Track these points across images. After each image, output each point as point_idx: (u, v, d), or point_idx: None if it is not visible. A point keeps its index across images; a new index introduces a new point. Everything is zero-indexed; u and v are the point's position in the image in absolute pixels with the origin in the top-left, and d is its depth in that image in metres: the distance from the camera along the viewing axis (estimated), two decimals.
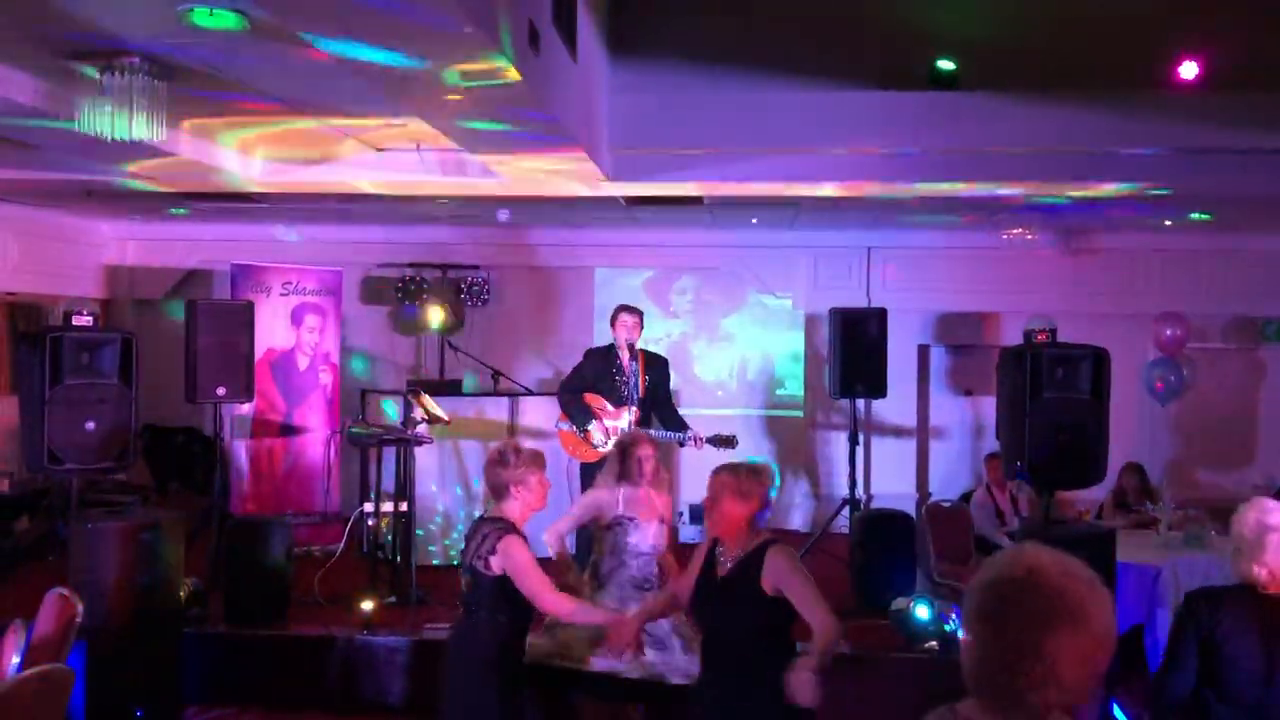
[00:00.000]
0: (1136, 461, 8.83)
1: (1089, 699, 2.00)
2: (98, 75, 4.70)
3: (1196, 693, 3.43)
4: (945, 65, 6.19)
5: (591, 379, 7.08)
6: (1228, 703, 3.36)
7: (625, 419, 6.91)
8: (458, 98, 4.58)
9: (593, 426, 6.94)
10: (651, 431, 6.91)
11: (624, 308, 7.15)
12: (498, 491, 4.24)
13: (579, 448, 7.04)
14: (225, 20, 4.05)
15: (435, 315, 10.08)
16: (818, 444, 10.58)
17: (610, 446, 6.87)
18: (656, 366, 7.18)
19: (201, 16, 4.03)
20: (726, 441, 6.80)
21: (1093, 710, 5.27)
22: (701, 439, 6.85)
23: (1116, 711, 5.74)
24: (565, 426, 7.10)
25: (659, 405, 7.10)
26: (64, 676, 4.30)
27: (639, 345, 7.17)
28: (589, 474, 7.06)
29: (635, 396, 6.94)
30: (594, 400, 7.01)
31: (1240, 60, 6.00)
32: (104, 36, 4.48)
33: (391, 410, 8.50)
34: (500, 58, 4.00)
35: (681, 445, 7.08)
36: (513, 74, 4.18)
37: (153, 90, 4.68)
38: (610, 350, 7.12)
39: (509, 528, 4.15)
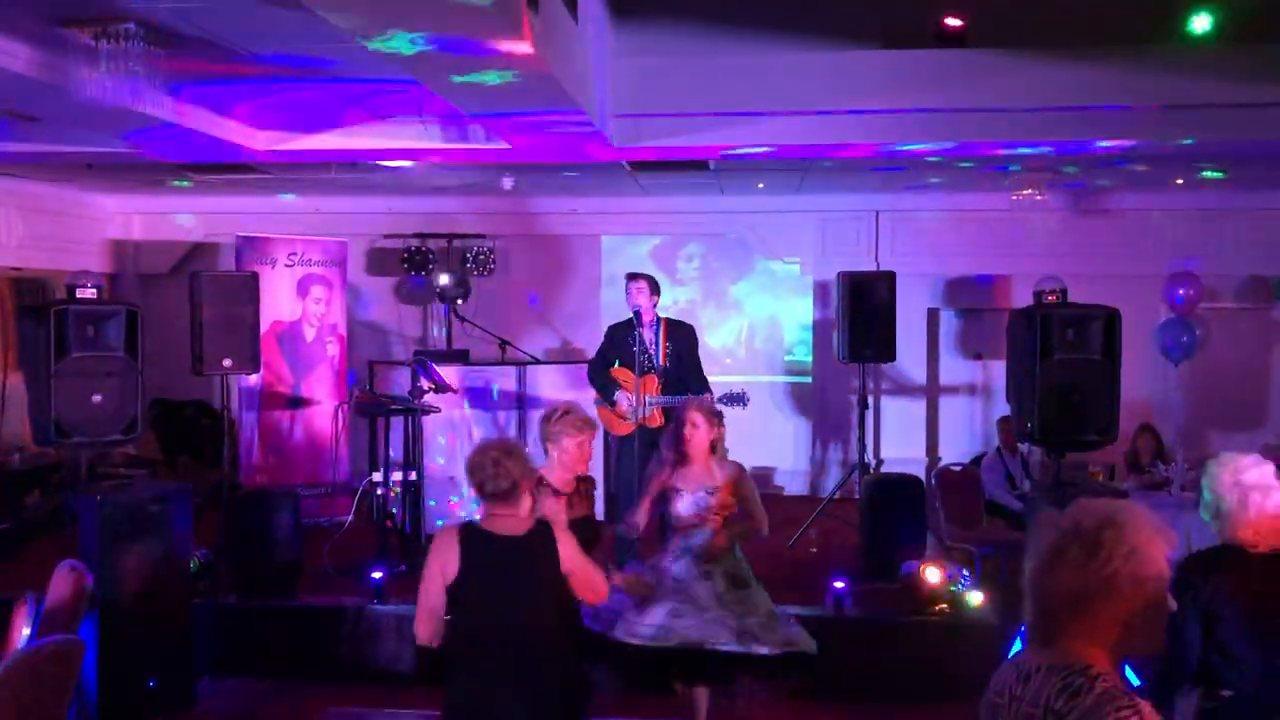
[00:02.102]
0: (1150, 423, 8.78)
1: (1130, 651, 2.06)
2: (93, 42, 4.63)
3: (1203, 661, 3.37)
4: (953, 22, 6.06)
5: (614, 353, 7.07)
6: (1233, 668, 3.30)
7: (647, 387, 6.90)
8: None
9: (619, 396, 6.95)
10: (664, 399, 6.90)
11: (629, 275, 7.13)
12: (542, 444, 4.39)
13: (612, 422, 7.07)
14: None
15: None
16: (827, 409, 10.54)
17: (639, 416, 6.87)
18: (679, 334, 7.13)
19: None
20: (737, 399, 6.81)
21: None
22: (711, 398, 6.84)
23: (1129, 673, 5.71)
24: (601, 403, 7.14)
25: (686, 373, 7.06)
26: (75, 648, 4.31)
27: (662, 314, 7.16)
28: (624, 447, 7.05)
29: (656, 364, 6.92)
30: (620, 373, 7.00)
31: (1253, 12, 5.88)
32: (98, 2, 4.42)
33: None
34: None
35: None
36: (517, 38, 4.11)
37: (149, 57, 4.62)
38: (630, 322, 7.08)
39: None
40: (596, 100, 6.09)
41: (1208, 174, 8.79)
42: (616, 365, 7.06)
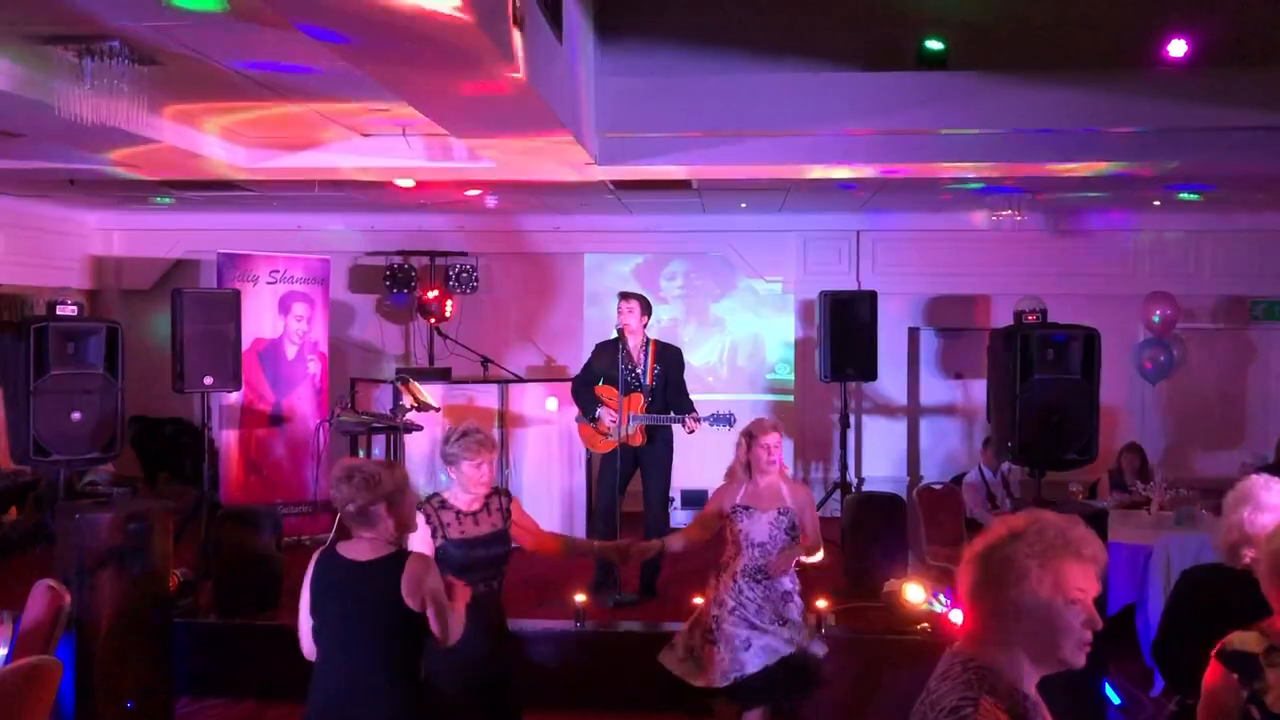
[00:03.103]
0: (1136, 442, 8.85)
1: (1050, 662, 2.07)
2: (77, 59, 4.63)
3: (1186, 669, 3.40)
4: (934, 45, 6.15)
5: (600, 371, 7.08)
6: (1190, 678, 3.33)
7: (631, 406, 6.91)
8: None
9: (601, 413, 6.95)
10: (650, 417, 6.91)
11: (621, 294, 7.17)
12: (445, 469, 4.35)
13: (594, 439, 7.06)
14: (206, 1, 3.99)
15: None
16: (809, 428, 10.57)
17: (621, 433, 6.88)
18: (667, 356, 7.16)
19: None
20: (724, 419, 6.82)
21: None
22: (697, 418, 6.86)
23: (1108, 691, 5.74)
24: (583, 419, 7.14)
25: (672, 394, 7.08)
26: (53, 668, 4.27)
27: (652, 336, 7.19)
28: (606, 463, 7.05)
29: (644, 384, 6.93)
30: (604, 391, 7.01)
31: (1229, 37, 5.98)
32: (83, 19, 4.42)
33: None
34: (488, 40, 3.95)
35: (691, 433, 7.09)
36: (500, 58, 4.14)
37: (133, 74, 4.63)
38: (618, 340, 7.10)
39: (425, 502, 4.22)
40: (581, 120, 6.12)
41: (1184, 196, 8.90)
42: (601, 383, 7.06)
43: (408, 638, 3.48)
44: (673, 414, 6.96)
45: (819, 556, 5.00)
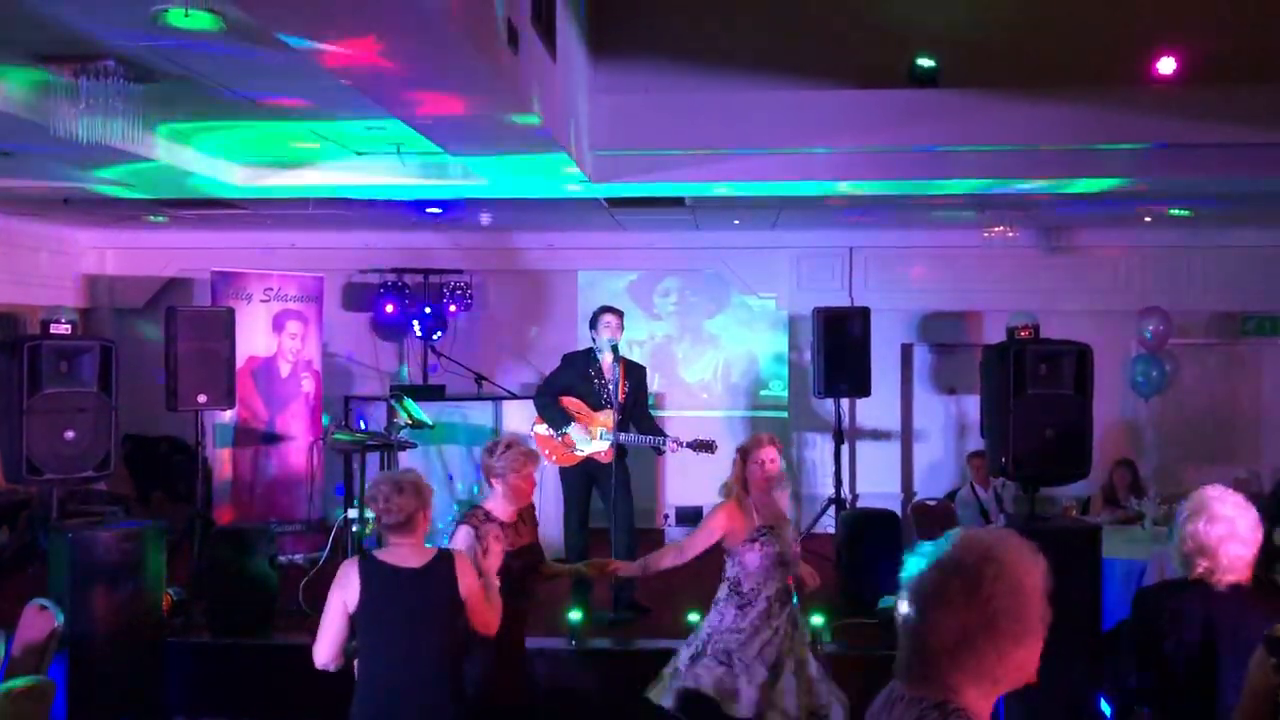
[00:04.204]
0: (1127, 457, 8.86)
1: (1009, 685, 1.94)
2: (72, 79, 4.65)
3: (1156, 687, 3.39)
4: (925, 62, 6.20)
5: (569, 383, 7.02)
6: (1182, 698, 3.32)
7: (605, 422, 6.84)
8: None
9: (572, 429, 6.87)
10: (630, 437, 6.83)
11: (606, 309, 7.09)
12: (486, 479, 4.43)
13: (556, 450, 6.97)
14: (201, 21, 4.00)
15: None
16: (802, 444, 10.58)
17: (590, 449, 6.84)
18: (636, 374, 7.12)
19: (177, 18, 3.98)
20: (706, 446, 6.71)
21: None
22: (680, 443, 6.79)
23: (1103, 706, 5.74)
24: (542, 429, 7.02)
25: (637, 412, 7.04)
26: (45, 688, 4.27)
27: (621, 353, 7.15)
28: (568, 478, 7.01)
29: (615, 400, 6.87)
30: (571, 403, 6.94)
31: (1218, 54, 6.03)
32: (78, 39, 4.43)
33: None
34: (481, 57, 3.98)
35: (660, 452, 7.05)
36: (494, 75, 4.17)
37: (128, 93, 4.64)
38: (589, 354, 7.06)
39: (470, 516, 4.29)
40: (574, 138, 6.15)
41: (1175, 212, 8.95)
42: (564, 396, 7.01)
43: (461, 636, 3.67)
44: (656, 437, 6.88)
45: None
